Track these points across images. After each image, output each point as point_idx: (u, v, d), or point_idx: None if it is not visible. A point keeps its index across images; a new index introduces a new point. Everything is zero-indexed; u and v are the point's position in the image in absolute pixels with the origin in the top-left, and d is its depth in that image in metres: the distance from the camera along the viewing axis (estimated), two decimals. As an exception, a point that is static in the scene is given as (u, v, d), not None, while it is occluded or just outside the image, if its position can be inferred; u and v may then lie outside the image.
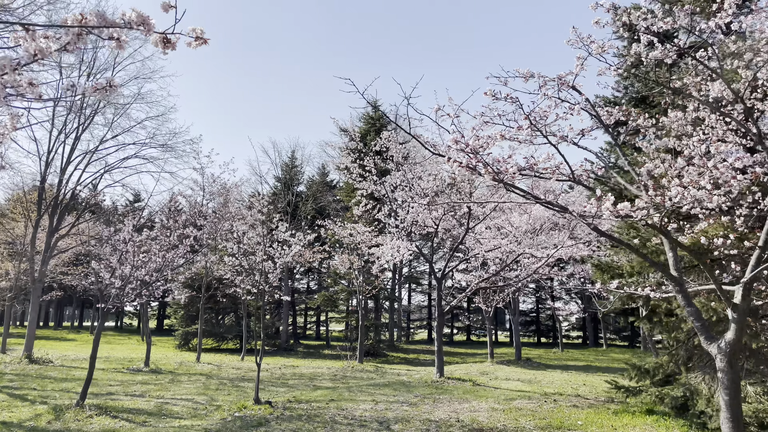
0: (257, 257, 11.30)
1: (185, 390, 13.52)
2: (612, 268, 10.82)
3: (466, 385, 14.90)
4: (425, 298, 49.30)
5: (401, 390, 13.85)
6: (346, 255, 21.82)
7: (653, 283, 9.52)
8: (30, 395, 12.19)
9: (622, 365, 23.89)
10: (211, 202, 18.92)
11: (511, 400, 12.33)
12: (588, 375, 18.96)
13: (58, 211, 21.13)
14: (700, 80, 7.97)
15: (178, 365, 19.70)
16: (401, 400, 12.10)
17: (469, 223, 15.11)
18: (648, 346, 32.88)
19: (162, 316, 49.49)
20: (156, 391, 13.22)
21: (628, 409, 10.80)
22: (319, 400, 12.05)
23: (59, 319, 53.14)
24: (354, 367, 20.34)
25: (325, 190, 36.81)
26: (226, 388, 14.09)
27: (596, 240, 16.34)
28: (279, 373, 18.01)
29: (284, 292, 31.61)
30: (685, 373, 10.13)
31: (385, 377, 17.19)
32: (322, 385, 14.81)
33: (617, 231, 11.40)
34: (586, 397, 12.98)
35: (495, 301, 22.17)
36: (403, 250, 15.56)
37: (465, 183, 13.89)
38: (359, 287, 23.04)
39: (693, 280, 9.19)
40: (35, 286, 20.49)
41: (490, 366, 21.65)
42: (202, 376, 16.74)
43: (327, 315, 41.70)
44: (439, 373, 16.28)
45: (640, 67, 10.47)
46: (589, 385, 15.51)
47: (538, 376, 17.93)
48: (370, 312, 30.34)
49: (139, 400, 11.79)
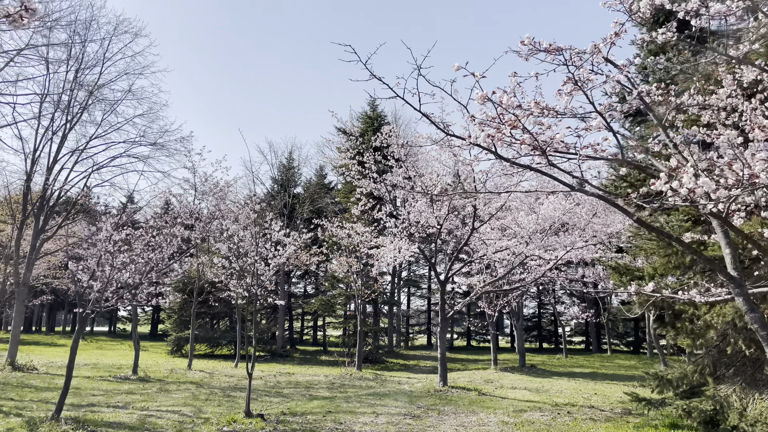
0: (249, 258, 10.49)
1: (172, 400, 12.66)
2: (630, 270, 10.03)
3: (471, 395, 14.08)
4: (425, 303, 48.44)
5: (403, 400, 13.02)
6: (344, 257, 21.00)
7: (676, 285, 8.74)
8: (5, 406, 11.33)
9: (630, 372, 23.09)
10: (204, 202, 18.09)
11: (521, 412, 11.51)
12: (597, 383, 18.15)
13: (45, 212, 20.28)
14: (730, 66, 7.24)
15: (169, 372, 18.83)
16: (404, 412, 11.27)
17: (474, 224, 14.32)
18: (654, 352, 32.11)
19: (156, 321, 48.52)
20: (141, 401, 12.36)
21: (650, 423, 9.99)
22: (315, 412, 11.21)
23: (51, 323, 52.09)
24: (352, 375, 19.50)
25: (323, 192, 36.00)
26: (217, 398, 13.24)
27: (608, 241, 15.60)
28: (273, 381, 17.15)
29: (280, 296, 30.76)
30: (713, 383, 9.34)
31: (385, 386, 16.35)
32: (319, 395, 13.97)
33: (633, 231, 10.62)
34: (601, 409, 12.16)
35: (499, 306, 21.35)
36: (405, 252, 14.78)
37: (470, 180, 13.11)
38: (358, 291, 22.21)
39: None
40: (20, 290, 19.61)
41: (494, 373, 20.82)
42: (192, 384, 15.87)
43: (324, 320, 40.80)
44: (442, 381, 15.45)
45: (662, 54, 9.73)
46: (601, 395, 14.70)
47: (545, 385, 17.12)
48: (368, 317, 29.49)
49: (121, 413, 10.94)
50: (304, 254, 22.37)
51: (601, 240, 15.35)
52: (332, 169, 36.56)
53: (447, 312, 15.89)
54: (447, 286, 16.14)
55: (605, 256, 16.64)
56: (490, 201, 14.55)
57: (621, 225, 15.81)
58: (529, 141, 3.41)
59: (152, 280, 10.38)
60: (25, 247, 22.08)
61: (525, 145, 3.42)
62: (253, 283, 10.66)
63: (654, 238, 8.82)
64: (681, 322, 9.51)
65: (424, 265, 44.87)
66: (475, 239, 15.71)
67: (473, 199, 13.52)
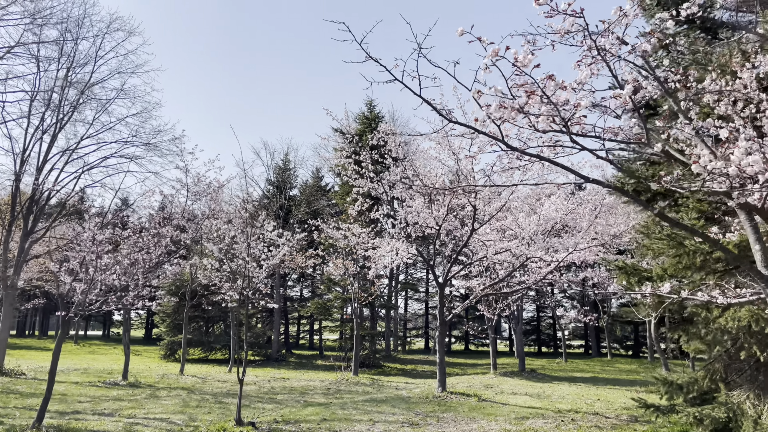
0: (240, 259, 10.05)
1: (162, 407, 12.19)
2: (639, 271, 9.62)
3: (471, 401, 13.64)
4: (422, 306, 47.98)
5: (401, 407, 12.58)
6: (341, 260, 20.56)
7: (691, 287, 8.33)
8: (-14, 414, 10.86)
9: (631, 377, 22.70)
10: (196, 203, 17.57)
11: (523, 420, 11.08)
12: (598, 388, 17.73)
13: (34, 213, 19.78)
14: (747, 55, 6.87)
15: (160, 378, 18.35)
16: (401, 420, 10.83)
17: (474, 224, 13.91)
18: (655, 356, 31.70)
19: (151, 325, 47.93)
20: (129, 408, 11.89)
21: (658, 431, 9.58)
22: (309, 419, 10.76)
23: (44, 328, 51.43)
24: (348, 380, 19.04)
25: (320, 194, 35.55)
26: (208, 404, 12.78)
27: (610, 243, 15.21)
28: (268, 387, 16.69)
29: (275, 299, 30.28)
30: (725, 390, 8.94)
31: (382, 391, 15.90)
32: (314, 401, 13.51)
33: (641, 230, 10.22)
34: (606, 416, 11.74)
35: (499, 309, 20.93)
36: (402, 253, 14.35)
37: (471, 177, 12.69)
38: (354, 294, 21.77)
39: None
40: (8, 293, 19.10)
41: (493, 378, 20.39)
42: (183, 390, 15.40)
43: (320, 323, 40.34)
44: (441, 387, 15.01)
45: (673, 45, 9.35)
46: (604, 401, 14.28)
47: (546, 390, 16.69)
48: (365, 320, 29.02)
49: (106, 420, 10.47)
50: (300, 257, 21.92)
51: (603, 241, 14.95)
52: (329, 170, 36.13)
53: (446, 316, 15.46)
54: (445, 289, 15.71)
55: (607, 258, 16.26)
56: (490, 201, 14.14)
57: (624, 226, 15.44)
58: (549, 111, 2.99)
59: (139, 283, 9.91)
60: (14, 248, 21.57)
61: (543, 117, 3.00)
62: (245, 285, 10.22)
63: (664, 238, 8.42)
64: (693, 326, 9.10)
65: (421, 267, 44.45)
66: (475, 240, 15.30)
67: (473, 198, 13.11)
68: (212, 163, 17.01)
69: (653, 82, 4.41)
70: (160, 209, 20.85)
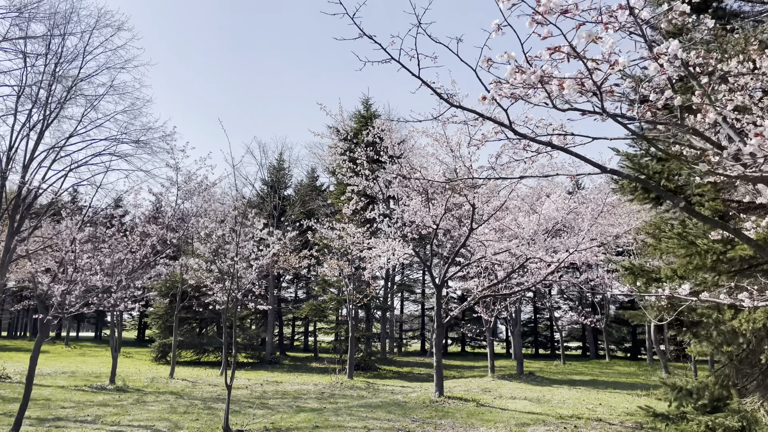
0: (228, 259, 9.58)
1: (147, 413, 11.70)
2: (646, 271, 9.19)
3: (469, 406, 13.19)
4: (418, 308, 47.54)
5: (397, 413, 12.12)
6: (335, 260, 20.10)
7: (702, 288, 7.91)
8: (-38, 421, 10.36)
9: (631, 380, 22.28)
10: (187, 202, 17.13)
11: (524, 426, 10.64)
12: (599, 392, 17.31)
13: (20, 212, 19.24)
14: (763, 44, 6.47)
15: (149, 381, 17.83)
16: (397, 427, 10.37)
17: (472, 224, 13.47)
18: (654, 358, 31.34)
19: (144, 326, 47.32)
20: (113, 415, 11.39)
21: (666, 439, 9.15)
22: (301, 426, 10.30)
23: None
24: (343, 383, 18.57)
25: (314, 194, 35.06)
26: (196, 410, 12.28)
27: (612, 243, 14.80)
28: (260, 391, 16.20)
29: (268, 301, 29.79)
30: (737, 396, 8.52)
31: (377, 396, 15.44)
32: (307, 406, 13.04)
33: (650, 229, 9.80)
34: (610, 422, 11.31)
35: (497, 311, 20.49)
36: (399, 253, 13.92)
37: (468, 170, 12.24)
38: (349, 296, 21.30)
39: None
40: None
41: (491, 381, 19.94)
42: (172, 395, 14.89)
43: (315, 325, 39.81)
44: (438, 391, 14.56)
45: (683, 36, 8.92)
46: (606, 405, 13.87)
47: (546, 394, 16.26)
48: (360, 322, 28.54)
49: (88, 428, 9.98)
50: (294, 257, 21.44)
51: (604, 241, 14.54)
52: (324, 169, 35.66)
53: (443, 318, 15.02)
54: (443, 291, 15.28)
55: (612, 258, 15.85)
56: (489, 199, 13.71)
57: (626, 226, 15.03)
58: (576, 74, 2.56)
59: (123, 284, 9.43)
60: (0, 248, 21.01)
61: (571, 81, 2.58)
62: (233, 286, 9.75)
63: (674, 236, 8.00)
64: (703, 327, 8.68)
65: (417, 269, 44.01)
66: (473, 240, 14.87)
67: (472, 197, 12.67)
68: (203, 161, 16.62)
69: (676, 63, 3.98)
70: (155, 209, 20.38)
